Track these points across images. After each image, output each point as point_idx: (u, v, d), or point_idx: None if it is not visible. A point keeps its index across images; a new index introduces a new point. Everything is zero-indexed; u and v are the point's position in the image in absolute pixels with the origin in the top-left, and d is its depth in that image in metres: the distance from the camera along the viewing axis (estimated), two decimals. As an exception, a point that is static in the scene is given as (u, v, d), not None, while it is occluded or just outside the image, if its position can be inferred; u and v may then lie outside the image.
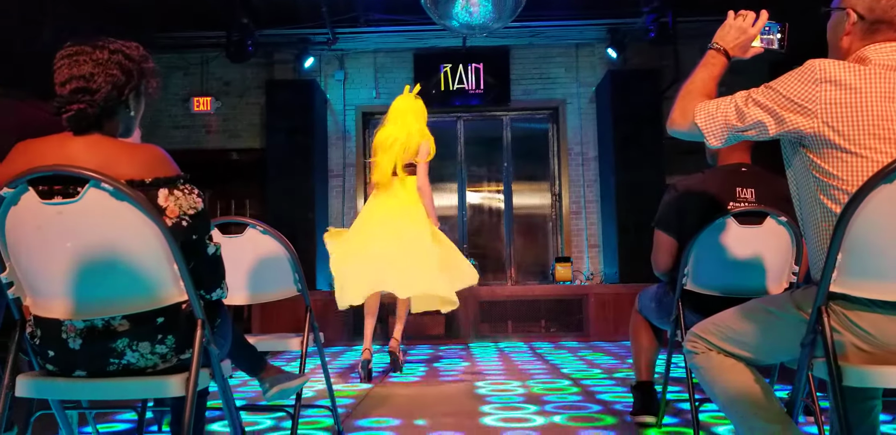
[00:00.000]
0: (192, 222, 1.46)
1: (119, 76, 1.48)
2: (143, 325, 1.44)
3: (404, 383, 3.80)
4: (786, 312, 1.43)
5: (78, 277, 1.38)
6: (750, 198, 2.21)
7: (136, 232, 1.39)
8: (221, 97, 7.53)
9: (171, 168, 1.49)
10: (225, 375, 1.66)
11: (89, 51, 1.46)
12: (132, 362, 1.45)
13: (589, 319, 6.28)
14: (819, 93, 1.36)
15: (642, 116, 6.78)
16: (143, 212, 1.37)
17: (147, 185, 1.43)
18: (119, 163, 1.42)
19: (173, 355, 1.47)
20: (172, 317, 1.46)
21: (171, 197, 1.44)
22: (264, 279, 2.42)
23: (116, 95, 1.49)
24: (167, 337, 1.45)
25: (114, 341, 1.42)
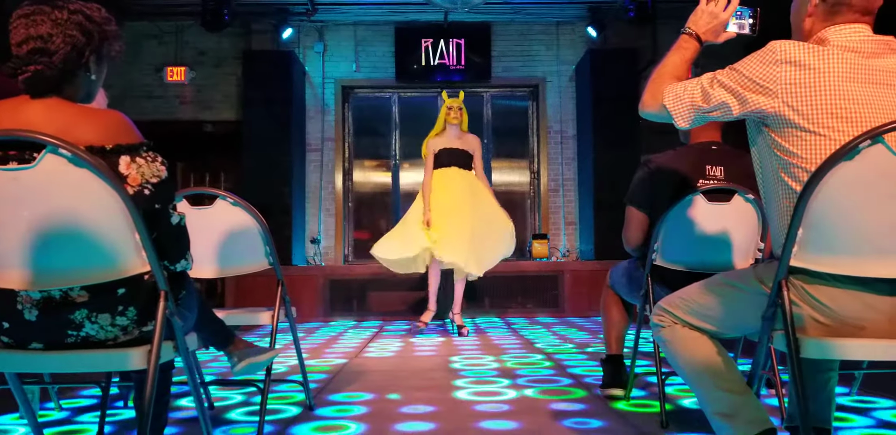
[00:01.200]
0: (155, 191, 1.42)
1: (79, 37, 1.43)
2: (103, 296, 1.41)
3: (379, 359, 3.81)
4: (748, 285, 1.45)
5: (34, 246, 1.35)
6: (719, 175, 2.22)
7: (96, 200, 1.35)
8: (196, 67, 7.38)
9: (133, 135, 1.45)
10: (190, 348, 1.64)
11: (48, 10, 1.41)
12: (91, 335, 1.42)
13: (564, 295, 6.34)
14: (780, 73, 1.38)
15: (621, 95, 6.76)
16: (104, 179, 1.33)
17: (108, 151, 1.39)
18: (78, 128, 1.38)
19: (135, 327, 1.45)
20: (134, 288, 1.44)
21: (133, 164, 1.41)
22: (235, 252, 2.39)
23: (76, 57, 1.44)
24: (128, 308, 1.43)
25: (72, 313, 1.40)
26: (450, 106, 4.70)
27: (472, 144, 4.72)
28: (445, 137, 4.71)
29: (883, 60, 1.38)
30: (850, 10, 1.43)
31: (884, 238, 1.28)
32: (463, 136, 4.73)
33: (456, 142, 4.67)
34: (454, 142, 4.67)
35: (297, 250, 6.93)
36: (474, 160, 4.70)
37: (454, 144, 4.67)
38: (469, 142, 4.72)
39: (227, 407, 2.57)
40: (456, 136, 4.70)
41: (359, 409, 2.48)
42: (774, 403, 2.28)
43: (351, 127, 7.71)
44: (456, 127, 4.69)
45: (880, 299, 1.31)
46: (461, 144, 4.68)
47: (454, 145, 4.67)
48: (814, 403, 1.63)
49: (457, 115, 4.67)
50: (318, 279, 6.35)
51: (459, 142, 4.68)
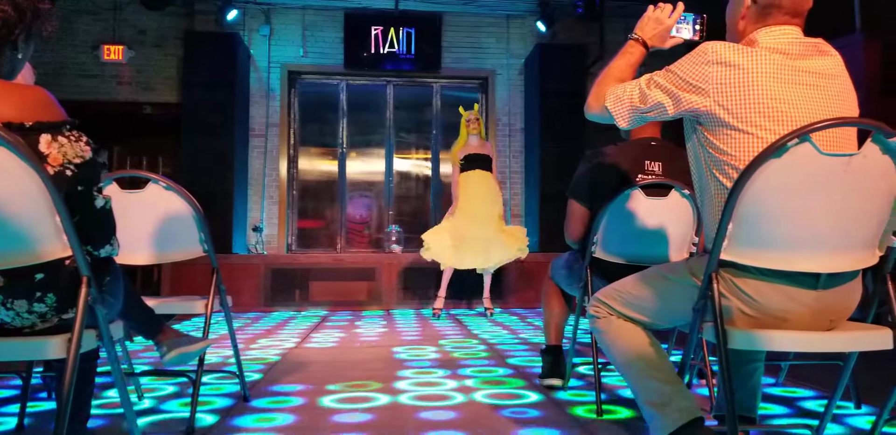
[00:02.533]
0: (78, 172, 1.36)
1: (10, 13, 1.35)
2: (20, 281, 1.34)
3: (320, 349, 3.76)
4: (681, 278, 1.49)
5: (-57, 227, 1.27)
6: (658, 171, 2.27)
7: (13, 180, 1.27)
8: (135, 47, 7.11)
9: (56, 112, 1.37)
10: (115, 337, 1.58)
11: None
12: (6, 322, 1.35)
13: (510, 286, 6.39)
14: (711, 73, 1.41)
15: (568, 90, 6.86)
16: (21, 157, 1.25)
17: (27, 129, 1.31)
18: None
19: (54, 315, 1.39)
20: (54, 273, 1.37)
21: (54, 144, 1.33)
22: (168, 238, 2.31)
23: (6, 34, 1.36)
24: (47, 295, 1.36)
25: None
26: (468, 119, 5.45)
27: (489, 150, 5.52)
28: (470, 145, 5.45)
29: (809, 61, 1.42)
30: (780, 12, 1.47)
31: (808, 233, 1.32)
32: (483, 143, 5.50)
33: (479, 148, 5.44)
34: (477, 148, 5.43)
35: (239, 238, 6.79)
36: (493, 164, 5.50)
37: (478, 150, 5.43)
38: (488, 148, 5.53)
39: (159, 398, 2.50)
40: (478, 143, 5.45)
41: (296, 400, 2.44)
42: (706, 393, 2.35)
43: (297, 113, 7.57)
44: (476, 136, 5.44)
45: (804, 293, 1.35)
46: (483, 150, 5.45)
47: (477, 151, 5.42)
48: (740, 393, 1.68)
49: (476, 125, 5.43)
50: (259, 268, 6.23)
51: (482, 148, 5.45)
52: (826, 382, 2.63)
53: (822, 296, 1.36)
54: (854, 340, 1.40)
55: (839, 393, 1.67)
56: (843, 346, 1.42)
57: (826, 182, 1.29)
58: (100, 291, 1.46)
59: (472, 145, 5.44)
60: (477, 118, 5.47)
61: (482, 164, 5.41)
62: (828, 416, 1.70)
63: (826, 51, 1.46)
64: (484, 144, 5.51)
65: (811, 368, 2.80)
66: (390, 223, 7.42)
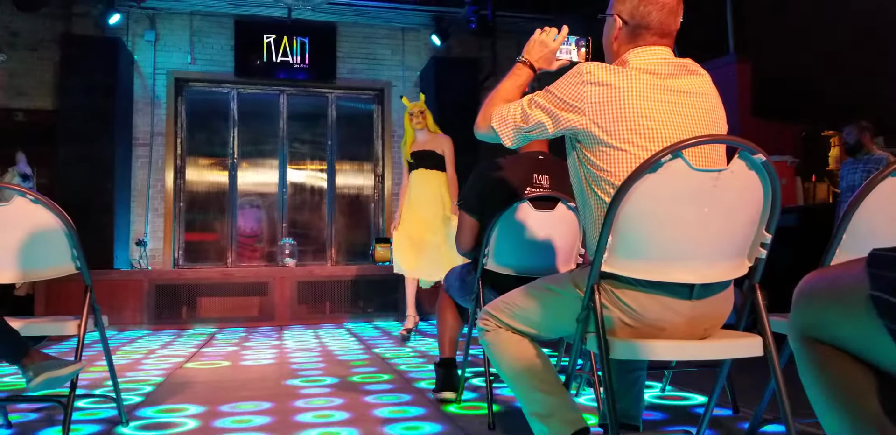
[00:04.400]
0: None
1: None
2: None
3: (208, 369, 3.60)
4: (564, 289, 1.53)
5: None
6: (545, 184, 2.34)
7: None
8: (7, 50, 6.59)
9: None
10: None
11: None
12: None
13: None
14: (586, 93, 1.47)
15: (462, 103, 6.97)
16: None
17: None
18: None
19: None
20: None
21: None
22: (37, 255, 2.15)
23: None
24: None
25: None
26: (411, 112, 4.76)
27: (440, 145, 4.73)
28: (417, 141, 4.79)
29: (678, 81, 1.50)
30: (649, 33, 1.54)
31: (682, 245, 1.39)
32: (432, 137, 4.77)
33: (426, 144, 4.75)
34: (423, 144, 4.75)
35: (121, 253, 6.41)
36: (447, 160, 4.73)
37: (423, 147, 4.75)
38: (438, 142, 4.74)
39: (27, 424, 2.30)
40: (425, 139, 4.76)
41: (182, 422, 2.31)
42: (595, 404, 2.42)
43: (184, 122, 7.27)
44: (423, 131, 4.76)
45: (679, 302, 1.42)
46: (429, 146, 4.74)
47: (422, 148, 4.75)
48: (624, 401, 1.74)
49: (419, 120, 4.72)
50: (143, 284, 5.89)
51: (428, 144, 4.75)
52: (707, 388, 2.73)
53: (697, 305, 1.43)
54: (727, 348, 1.47)
55: (715, 398, 1.76)
56: (717, 353, 1.48)
57: (697, 196, 1.37)
58: (-48, 314, 1.33)
59: (420, 141, 4.79)
60: (421, 111, 4.76)
61: (427, 162, 4.74)
62: (705, 420, 1.79)
63: (694, 70, 1.54)
64: (433, 138, 4.77)
65: (692, 375, 2.96)
66: (284, 236, 7.25)
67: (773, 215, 1.44)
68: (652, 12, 1.52)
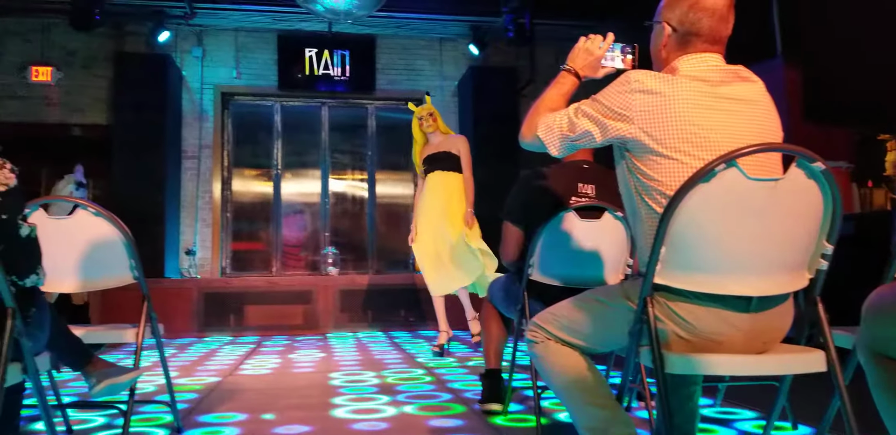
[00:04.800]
0: (2, 200, 1.31)
1: None
2: (-61, 314, 1.27)
3: (255, 376, 3.67)
4: (615, 302, 1.51)
5: None
6: (590, 193, 2.33)
7: (-69, 210, 1.22)
8: (64, 68, 6.86)
9: None
10: (41, 369, 1.51)
11: None
12: (-77, 357, 1.27)
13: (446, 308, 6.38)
14: (634, 101, 1.46)
15: (500, 112, 6.99)
16: (-60, 187, 1.20)
17: (-53, 157, 1.26)
18: None
19: (-25, 349, 1.31)
20: (-25, 306, 1.30)
21: (-24, 172, 1.28)
22: (97, 265, 2.23)
23: None
24: (-32, 328, 1.29)
25: None
26: (419, 116, 4.51)
27: (455, 145, 4.48)
28: (430, 145, 4.55)
29: (730, 88, 1.48)
30: (700, 40, 1.53)
31: (739, 256, 1.37)
32: (445, 138, 4.53)
33: (439, 146, 4.50)
34: (437, 146, 4.50)
35: (171, 262, 6.57)
36: (462, 161, 4.46)
37: (438, 148, 4.49)
38: (452, 143, 4.49)
39: (88, 430, 2.38)
40: (438, 140, 4.52)
41: (231, 430, 2.36)
42: (645, 416, 2.38)
43: (230, 134, 7.44)
44: (434, 133, 4.52)
45: (736, 316, 1.39)
46: (444, 147, 4.48)
47: (437, 150, 4.49)
48: (679, 416, 1.71)
49: (430, 122, 4.48)
50: (192, 292, 6.04)
51: (443, 145, 4.49)
52: (762, 403, 2.67)
53: (755, 319, 1.40)
54: (787, 363, 1.43)
55: (776, 414, 1.71)
56: (777, 369, 1.44)
57: (754, 206, 1.34)
58: (25, 322, 1.40)
59: (432, 144, 4.52)
60: (430, 114, 4.49)
61: (443, 164, 4.46)
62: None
63: (746, 77, 1.52)
64: (447, 139, 4.52)
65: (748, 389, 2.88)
66: (326, 245, 7.34)
67: (833, 225, 1.40)
68: (702, 19, 1.51)
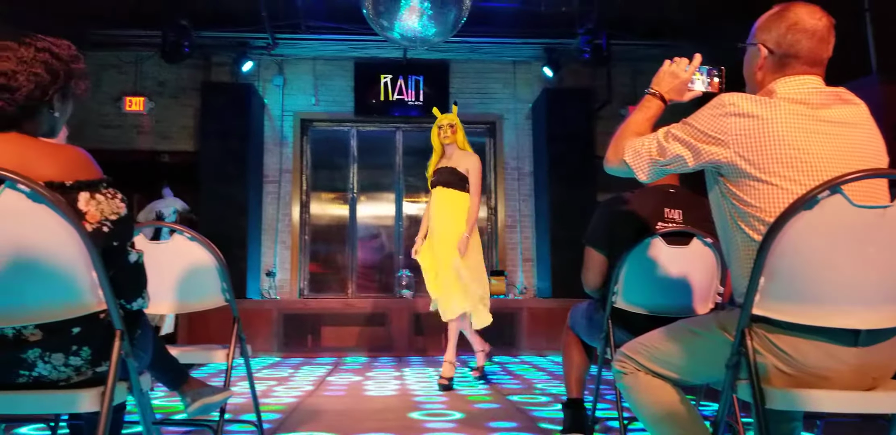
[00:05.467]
0: (114, 228, 1.38)
1: (44, 75, 1.41)
2: (57, 335, 1.35)
3: (334, 397, 3.72)
4: (711, 333, 1.46)
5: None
6: (678, 219, 2.27)
7: (54, 237, 1.30)
8: (155, 98, 7.29)
9: (93, 171, 1.41)
10: (144, 388, 1.58)
11: (14, 47, 1.38)
12: (44, 375, 1.36)
13: (521, 333, 6.33)
14: (729, 125, 1.42)
15: (576, 134, 6.94)
16: (62, 216, 1.29)
17: (67, 187, 1.35)
18: (38, 163, 1.34)
19: (88, 368, 1.39)
20: (89, 327, 1.38)
21: (92, 201, 1.37)
22: (191, 288, 2.33)
23: (39, 95, 1.41)
24: (82, 348, 1.37)
25: (24, 352, 1.34)
26: (439, 125, 4.27)
27: (465, 163, 4.19)
28: (444, 157, 4.31)
29: (831, 111, 1.42)
30: (798, 62, 1.49)
31: (844, 287, 1.31)
32: (460, 154, 4.25)
33: (449, 161, 4.26)
34: (447, 161, 4.27)
35: (252, 284, 6.79)
36: (471, 181, 4.18)
37: (446, 163, 4.27)
38: (462, 160, 4.21)
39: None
40: (451, 154, 4.27)
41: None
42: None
43: (309, 159, 7.68)
44: (451, 145, 4.25)
45: (843, 350, 1.32)
46: (452, 163, 4.23)
47: (445, 164, 4.27)
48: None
49: (448, 133, 4.22)
50: (272, 313, 6.21)
51: (454, 161, 4.24)
52: None
53: (863, 353, 1.33)
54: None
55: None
56: (889, 407, 1.37)
57: (860, 235, 1.28)
58: (131, 344, 1.47)
59: (446, 156, 4.27)
60: (451, 124, 4.22)
61: (446, 180, 4.19)
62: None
63: (849, 99, 1.46)
64: (460, 155, 4.23)
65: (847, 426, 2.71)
66: (401, 267, 7.42)
67: (949, 255, 1.32)
68: (801, 41, 1.47)
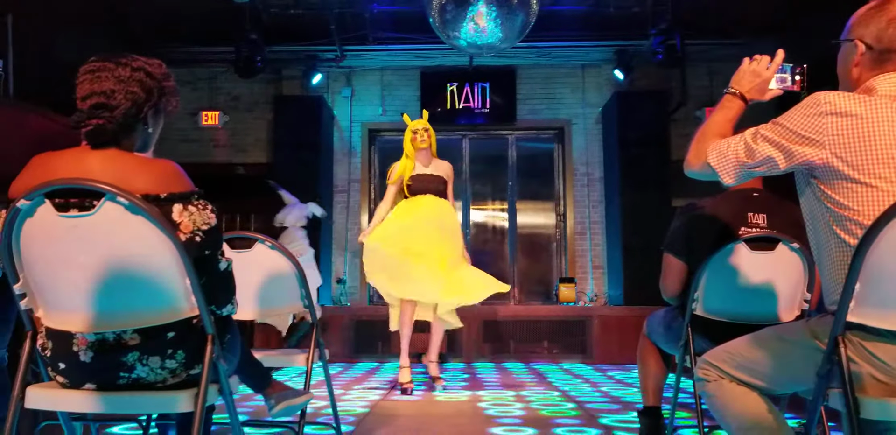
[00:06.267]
0: (206, 238, 1.45)
1: (139, 94, 1.49)
2: (154, 339, 1.43)
3: (407, 402, 3.76)
4: (801, 340, 1.41)
5: (91, 290, 1.38)
6: (762, 223, 2.20)
7: (151, 246, 1.38)
8: (229, 112, 7.57)
9: (185, 183, 1.49)
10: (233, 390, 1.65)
11: (112, 67, 1.47)
12: (142, 377, 1.44)
13: (593, 340, 6.24)
14: (825, 125, 1.37)
15: (649, 138, 6.80)
16: (158, 226, 1.36)
17: (162, 200, 1.43)
18: (135, 177, 1.42)
19: (182, 370, 1.47)
20: (183, 332, 1.46)
21: (185, 212, 1.44)
22: (271, 295, 2.42)
23: (135, 112, 1.50)
24: (177, 352, 1.45)
25: (124, 355, 1.42)
26: (414, 129, 4.23)
27: (445, 170, 4.28)
28: (416, 163, 4.25)
29: None
30: None
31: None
32: (435, 161, 4.29)
33: (428, 168, 4.23)
34: (426, 168, 4.23)
35: (324, 291, 6.94)
36: (448, 188, 4.27)
37: (426, 170, 4.22)
38: (442, 168, 4.28)
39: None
40: (427, 161, 4.25)
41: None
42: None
43: (377, 169, 7.80)
44: (426, 151, 4.24)
45: None
46: (434, 170, 4.24)
47: (426, 171, 4.22)
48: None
49: (423, 137, 4.21)
50: (343, 320, 6.34)
51: (432, 167, 4.24)
52: None
53: None
54: None
55: None
56: None
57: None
58: (221, 347, 1.54)
59: (421, 162, 4.23)
60: (426, 129, 4.22)
61: (432, 187, 4.17)
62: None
63: None
64: (435, 162, 4.27)
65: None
66: (468, 275, 7.42)
67: None
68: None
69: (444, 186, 4.23)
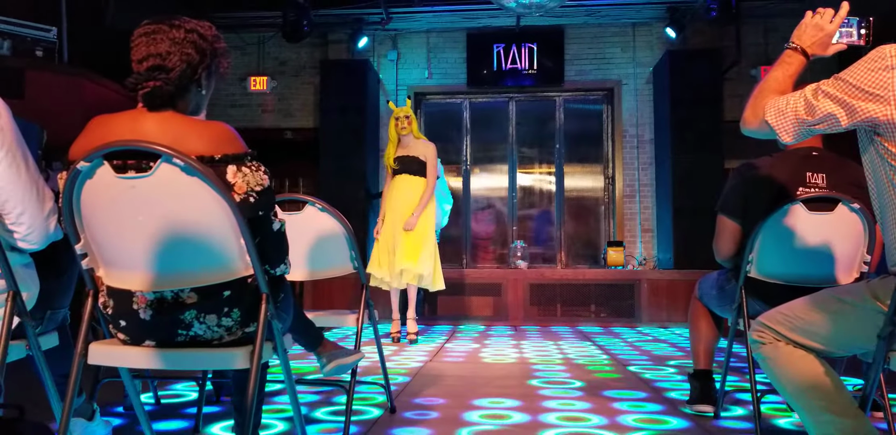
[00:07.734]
0: (259, 199, 1.47)
1: (193, 55, 1.51)
2: (211, 298, 1.47)
3: (454, 363, 3.83)
4: (862, 302, 1.38)
5: (149, 249, 1.42)
6: (821, 183, 2.12)
7: (206, 207, 1.41)
8: (277, 76, 7.62)
9: (239, 145, 1.50)
10: (287, 348, 1.70)
11: (166, 29, 1.49)
12: (199, 334, 1.49)
13: (641, 304, 6.20)
14: (891, 79, 1.31)
15: (701, 98, 6.60)
16: (213, 187, 1.39)
17: (216, 161, 1.45)
18: (189, 139, 1.44)
19: (238, 328, 1.51)
20: (238, 291, 1.49)
21: (238, 173, 1.46)
22: (322, 256, 2.46)
23: (190, 74, 1.51)
24: (233, 310, 1.49)
25: (182, 313, 1.47)
26: (396, 117, 4.86)
27: (423, 151, 4.83)
28: (401, 146, 4.88)
29: None
30: None
31: None
32: (415, 143, 4.86)
33: (408, 150, 4.84)
34: (407, 150, 4.85)
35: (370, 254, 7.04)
36: (427, 167, 4.81)
37: (405, 152, 4.85)
38: (420, 148, 4.84)
39: (307, 405, 2.64)
40: (408, 144, 4.86)
41: (441, 413, 2.49)
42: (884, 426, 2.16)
43: (423, 132, 7.76)
44: (407, 136, 4.84)
45: None
46: (412, 151, 4.83)
47: (404, 153, 4.84)
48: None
49: (405, 124, 4.81)
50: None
51: (412, 149, 4.84)
52: None
53: None
54: None
55: None
56: None
57: None
58: (275, 306, 1.58)
59: (404, 146, 4.86)
60: (407, 116, 4.82)
61: (409, 168, 4.79)
62: None
63: None
64: (417, 144, 4.85)
65: None
66: (514, 239, 7.43)
67: None
68: None
69: (420, 166, 4.80)
